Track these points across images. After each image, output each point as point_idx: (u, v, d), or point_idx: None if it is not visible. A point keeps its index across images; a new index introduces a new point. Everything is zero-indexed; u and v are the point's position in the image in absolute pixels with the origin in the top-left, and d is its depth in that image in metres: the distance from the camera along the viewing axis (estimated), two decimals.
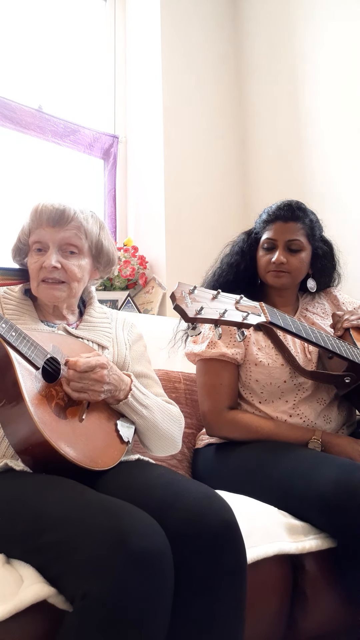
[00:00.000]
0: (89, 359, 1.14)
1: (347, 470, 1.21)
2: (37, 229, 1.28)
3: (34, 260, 1.28)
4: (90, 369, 1.13)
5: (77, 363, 1.13)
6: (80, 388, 1.13)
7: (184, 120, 2.68)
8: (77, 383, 1.13)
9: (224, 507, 0.97)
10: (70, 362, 1.14)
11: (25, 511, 0.94)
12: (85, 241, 1.30)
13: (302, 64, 2.61)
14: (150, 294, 2.46)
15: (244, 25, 2.95)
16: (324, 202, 2.34)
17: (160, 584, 0.83)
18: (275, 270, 1.58)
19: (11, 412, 1.06)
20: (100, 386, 1.14)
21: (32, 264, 1.28)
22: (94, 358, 1.15)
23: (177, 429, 1.32)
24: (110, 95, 2.79)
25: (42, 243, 1.27)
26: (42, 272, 1.27)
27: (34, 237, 1.28)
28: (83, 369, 1.12)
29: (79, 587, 0.80)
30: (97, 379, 1.13)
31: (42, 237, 1.27)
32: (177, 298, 1.06)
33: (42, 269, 1.26)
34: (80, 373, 1.12)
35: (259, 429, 1.47)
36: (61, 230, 1.26)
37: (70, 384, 1.13)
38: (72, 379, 1.13)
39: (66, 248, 1.28)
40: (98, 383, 1.14)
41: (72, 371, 1.13)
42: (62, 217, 1.26)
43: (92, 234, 1.32)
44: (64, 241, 1.27)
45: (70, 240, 1.27)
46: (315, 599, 1.16)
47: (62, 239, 1.27)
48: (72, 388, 1.13)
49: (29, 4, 2.57)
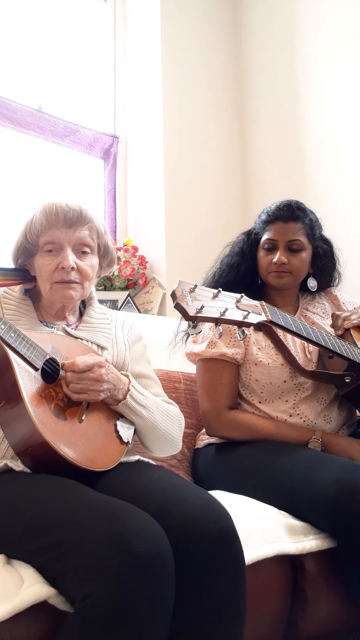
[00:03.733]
0: (85, 358, 1.14)
1: (348, 470, 1.21)
2: (51, 229, 1.25)
3: (47, 262, 1.25)
4: (89, 368, 1.13)
5: (75, 363, 1.12)
6: (79, 389, 1.13)
7: (184, 120, 2.67)
8: (76, 384, 1.12)
9: (223, 515, 0.96)
10: (67, 364, 1.13)
11: (26, 512, 0.94)
12: (97, 241, 1.31)
13: (302, 63, 2.61)
14: (150, 294, 2.45)
15: (244, 25, 2.95)
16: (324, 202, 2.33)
17: (161, 586, 0.83)
18: (277, 271, 1.58)
19: (10, 413, 1.06)
20: (99, 385, 1.14)
21: (45, 265, 1.25)
22: (91, 357, 1.15)
23: (177, 429, 1.32)
24: (110, 95, 2.79)
25: (55, 244, 1.25)
26: (57, 274, 1.25)
27: (46, 237, 1.25)
28: (81, 369, 1.12)
29: (80, 588, 0.80)
30: (95, 378, 1.13)
31: (56, 238, 1.25)
32: (177, 296, 1.05)
33: (57, 270, 1.24)
34: (79, 373, 1.12)
35: (259, 429, 1.47)
36: (77, 231, 1.25)
37: (70, 385, 1.13)
38: (71, 381, 1.12)
39: (80, 248, 1.27)
40: (97, 382, 1.13)
41: (71, 372, 1.12)
42: (79, 218, 1.26)
43: (102, 234, 1.32)
44: (79, 241, 1.26)
45: (85, 241, 1.27)
46: (315, 599, 1.16)
47: (77, 239, 1.26)
48: (72, 389, 1.13)
49: (29, 4, 2.57)
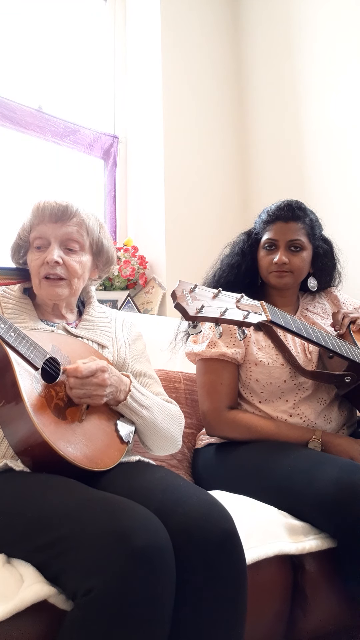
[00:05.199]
0: (88, 364, 1.12)
1: (348, 470, 1.21)
2: (39, 225, 1.26)
3: (35, 257, 1.27)
4: (92, 373, 1.11)
5: (79, 369, 1.11)
6: (82, 394, 1.12)
7: (184, 120, 2.67)
8: (80, 390, 1.11)
9: (225, 516, 0.96)
10: (70, 369, 1.12)
11: (26, 511, 0.94)
12: (87, 238, 1.30)
13: (302, 63, 2.61)
14: (150, 294, 2.45)
15: (244, 25, 2.95)
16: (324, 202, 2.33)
17: (162, 579, 0.83)
18: (278, 271, 1.58)
19: (10, 413, 1.06)
20: (102, 390, 1.13)
21: (33, 260, 1.27)
22: (93, 362, 1.13)
23: (177, 428, 1.32)
24: (110, 95, 2.79)
25: (43, 239, 1.26)
26: (43, 269, 1.26)
27: (35, 233, 1.27)
28: (85, 375, 1.10)
29: (81, 584, 0.80)
30: (99, 383, 1.12)
31: (43, 233, 1.26)
32: (177, 296, 1.04)
33: (43, 265, 1.25)
34: (82, 379, 1.11)
35: (259, 429, 1.47)
36: (63, 226, 1.26)
37: (73, 390, 1.11)
38: (74, 386, 1.11)
39: (67, 244, 1.27)
40: (100, 387, 1.12)
41: (73, 378, 1.11)
42: (64, 213, 1.26)
43: (93, 231, 1.32)
44: (66, 237, 1.26)
45: (72, 236, 1.27)
46: (315, 599, 1.16)
47: (64, 235, 1.26)
48: (75, 395, 1.12)
49: (29, 4, 2.57)
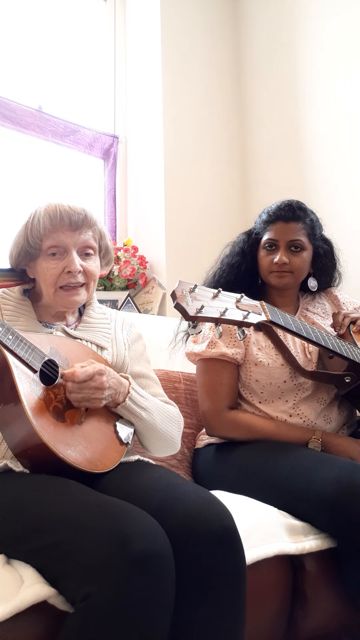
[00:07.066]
0: (86, 368, 1.12)
1: (348, 470, 1.21)
2: (55, 233, 1.23)
3: (51, 266, 1.24)
4: (89, 377, 1.11)
5: (75, 374, 1.11)
6: (81, 398, 1.12)
7: (184, 120, 2.67)
8: (78, 394, 1.11)
9: (224, 513, 0.96)
10: (67, 374, 1.12)
11: (26, 512, 0.94)
12: (99, 242, 1.31)
13: (302, 63, 2.61)
14: (150, 294, 2.45)
15: (244, 25, 2.94)
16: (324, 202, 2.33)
17: (161, 585, 0.83)
18: (278, 271, 1.57)
19: (9, 416, 1.06)
20: (101, 393, 1.13)
21: (50, 269, 1.24)
22: (91, 366, 1.13)
23: (176, 429, 1.32)
24: (110, 95, 2.79)
25: (60, 247, 1.24)
26: (63, 278, 1.24)
27: (50, 241, 1.23)
28: (82, 379, 1.10)
29: (81, 588, 0.80)
30: (97, 387, 1.12)
31: (61, 241, 1.23)
32: (177, 296, 1.04)
33: (63, 274, 1.23)
34: (80, 384, 1.11)
35: (259, 429, 1.47)
36: (81, 234, 1.25)
37: (71, 395, 1.11)
38: (72, 390, 1.11)
39: (83, 250, 1.27)
40: (99, 390, 1.12)
41: (71, 383, 1.11)
42: (84, 221, 1.25)
43: (104, 235, 1.33)
44: (84, 244, 1.26)
45: (89, 243, 1.27)
46: (315, 599, 1.16)
47: (83, 242, 1.26)
48: (73, 399, 1.12)
49: (29, 4, 2.56)
